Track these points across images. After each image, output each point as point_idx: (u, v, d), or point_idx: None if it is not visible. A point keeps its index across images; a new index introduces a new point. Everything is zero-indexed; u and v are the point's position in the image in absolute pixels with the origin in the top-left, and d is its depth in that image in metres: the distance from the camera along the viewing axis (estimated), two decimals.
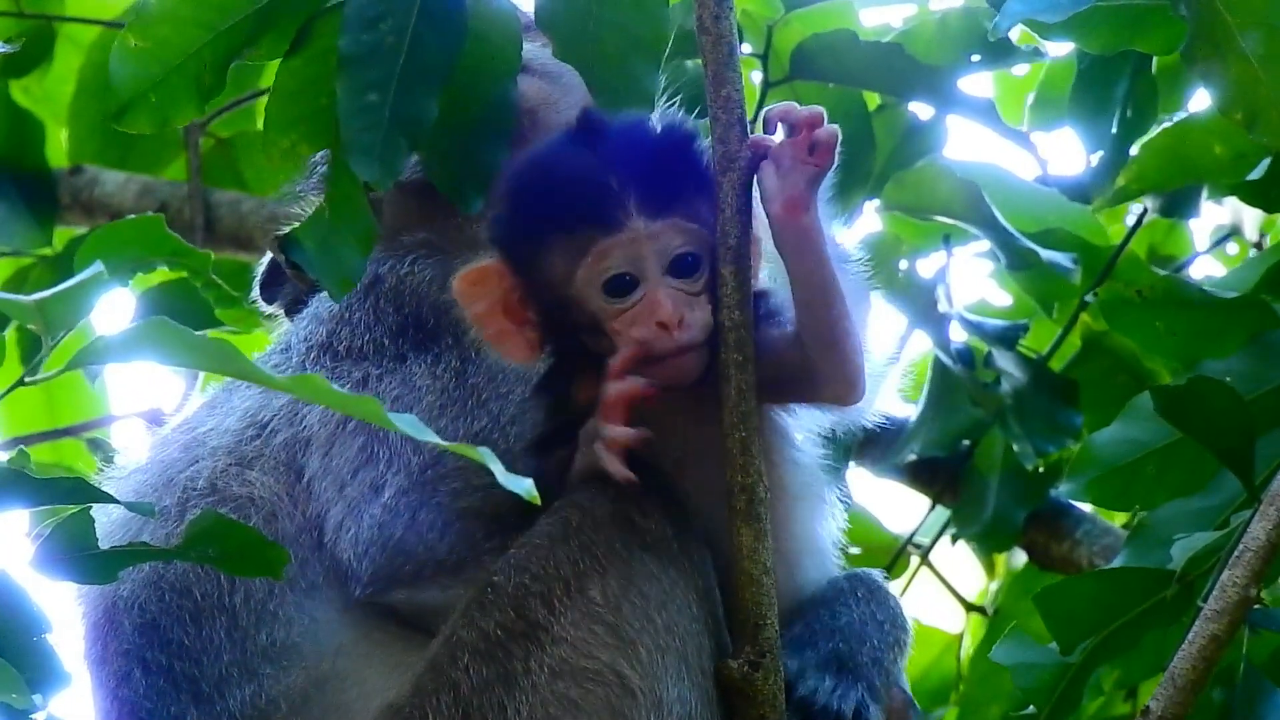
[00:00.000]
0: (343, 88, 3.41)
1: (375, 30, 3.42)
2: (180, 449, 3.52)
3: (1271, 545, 3.43)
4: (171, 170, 5.94)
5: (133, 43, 3.48)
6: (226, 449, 3.47)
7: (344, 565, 3.36)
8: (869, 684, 3.39)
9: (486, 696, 3.22)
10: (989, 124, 4.78)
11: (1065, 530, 5.18)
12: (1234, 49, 3.59)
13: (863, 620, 3.44)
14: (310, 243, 3.46)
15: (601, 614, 3.24)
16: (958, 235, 5.09)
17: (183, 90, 3.49)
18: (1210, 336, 4.16)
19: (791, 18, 5.02)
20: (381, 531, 3.35)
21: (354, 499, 3.38)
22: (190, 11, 3.48)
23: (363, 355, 3.53)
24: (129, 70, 3.49)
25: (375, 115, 3.40)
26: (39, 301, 3.18)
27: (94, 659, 3.44)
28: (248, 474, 3.44)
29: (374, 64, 3.41)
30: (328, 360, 3.54)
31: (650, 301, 3.25)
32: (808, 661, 3.38)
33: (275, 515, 3.41)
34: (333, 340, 3.56)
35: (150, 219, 3.53)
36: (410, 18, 3.43)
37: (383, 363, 3.51)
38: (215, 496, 3.42)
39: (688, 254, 3.27)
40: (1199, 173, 4.41)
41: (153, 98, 3.49)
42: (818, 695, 3.35)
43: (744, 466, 3.26)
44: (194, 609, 3.36)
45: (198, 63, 3.48)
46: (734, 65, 3.33)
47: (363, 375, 3.50)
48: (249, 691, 3.32)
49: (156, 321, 3.01)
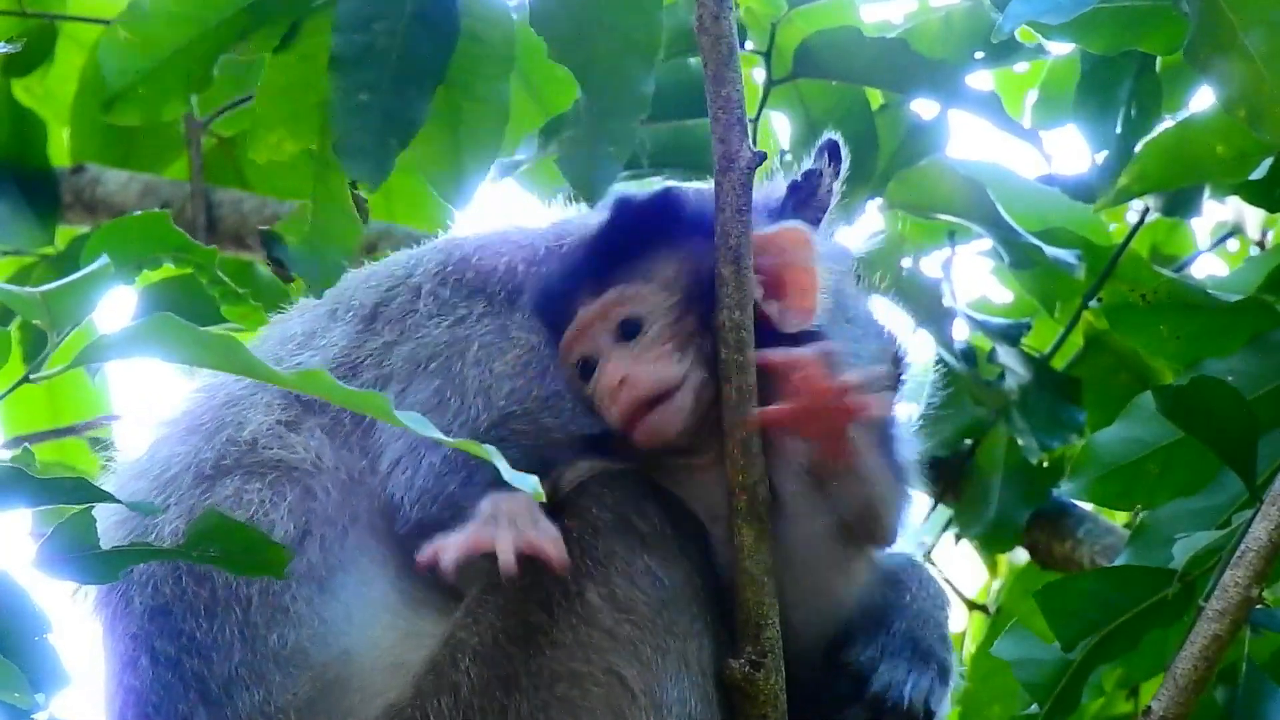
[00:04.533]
0: (335, 88, 3.42)
1: (368, 31, 3.44)
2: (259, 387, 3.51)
3: (1273, 545, 3.44)
4: (174, 169, 5.94)
5: (123, 35, 3.49)
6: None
7: (393, 502, 3.38)
8: (940, 663, 3.40)
9: (487, 698, 3.22)
10: (993, 119, 4.77)
11: (1067, 530, 5.18)
12: (1237, 47, 3.60)
13: (923, 599, 3.45)
14: (293, 239, 3.47)
15: (600, 617, 3.24)
16: (960, 233, 5.09)
17: (172, 84, 3.51)
18: (1213, 337, 4.15)
19: (795, 15, 5.01)
20: (437, 483, 3.37)
21: (416, 442, 3.40)
22: (181, 7, 3.50)
23: (477, 291, 3.54)
24: (118, 62, 3.51)
25: (367, 115, 3.42)
26: (44, 294, 3.18)
27: (101, 628, 3.42)
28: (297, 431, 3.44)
29: (367, 64, 3.42)
30: (446, 289, 3.55)
31: (599, 374, 3.36)
32: (882, 650, 3.38)
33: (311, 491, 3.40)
34: (462, 267, 3.57)
35: (156, 215, 3.55)
36: (403, 19, 3.45)
37: (491, 305, 3.52)
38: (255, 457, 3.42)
39: (625, 319, 3.36)
40: (1201, 172, 4.41)
41: (142, 90, 3.51)
42: (891, 690, 3.36)
43: (745, 466, 3.27)
44: (209, 598, 3.35)
45: (187, 57, 3.50)
46: (734, 65, 3.33)
47: (468, 311, 3.51)
48: (258, 697, 3.31)
49: (161, 318, 3.01)
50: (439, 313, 3.51)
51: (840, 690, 3.37)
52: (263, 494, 3.39)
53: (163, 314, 3.02)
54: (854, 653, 3.39)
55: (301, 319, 3.63)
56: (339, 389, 2.99)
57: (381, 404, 2.97)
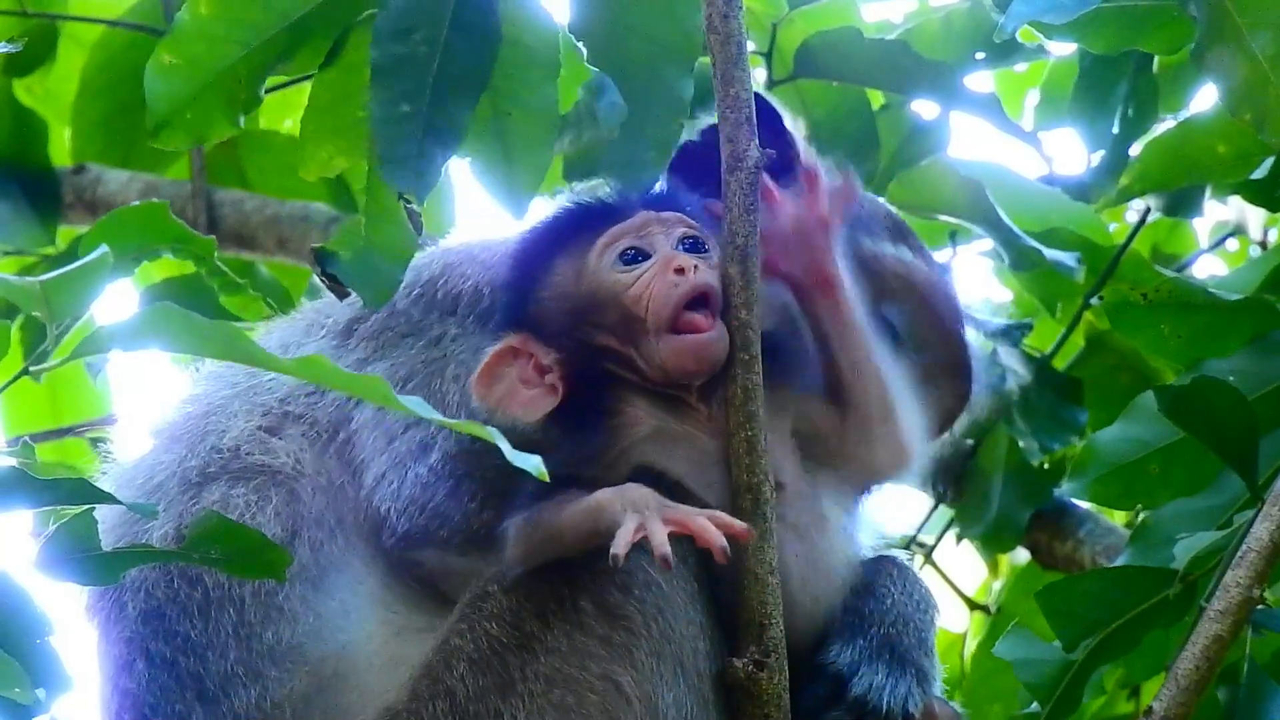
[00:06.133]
0: (376, 99, 3.41)
1: (407, 40, 3.42)
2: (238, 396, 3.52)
3: (1275, 545, 3.44)
4: (175, 169, 5.94)
5: (167, 60, 3.47)
6: (280, 397, 3.48)
7: (379, 516, 3.38)
8: (917, 668, 3.40)
9: (483, 704, 3.22)
10: (994, 120, 4.77)
11: (1068, 530, 5.18)
12: (1244, 49, 3.59)
13: (902, 602, 3.45)
14: (346, 254, 3.46)
15: (595, 623, 3.24)
16: (962, 234, 5.09)
17: (218, 106, 3.49)
18: (1214, 337, 4.15)
19: (795, 16, 5.01)
20: (424, 492, 3.36)
21: (401, 454, 3.39)
22: (224, 29, 3.47)
23: (448, 314, 3.53)
24: (164, 87, 3.48)
25: (409, 126, 3.40)
26: (43, 285, 3.17)
27: (95, 632, 3.43)
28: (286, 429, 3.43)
29: (406, 74, 3.41)
30: (418, 309, 3.54)
31: (664, 256, 3.30)
32: (861, 653, 3.38)
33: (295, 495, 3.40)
34: (430, 289, 3.56)
35: (154, 205, 3.54)
36: (442, 27, 3.43)
37: (465, 323, 3.52)
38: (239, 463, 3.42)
39: (694, 236, 3.33)
40: (1202, 172, 4.41)
41: (188, 114, 3.49)
42: (871, 694, 3.36)
43: (749, 466, 3.27)
44: (202, 600, 3.36)
45: (231, 78, 3.48)
46: (742, 64, 3.33)
47: (442, 332, 3.50)
48: (254, 693, 3.32)
49: (162, 308, 3.01)
50: (412, 333, 3.51)
51: (819, 691, 3.37)
52: (248, 498, 3.39)
53: (163, 304, 3.01)
54: (833, 654, 3.39)
55: (280, 332, 3.64)
56: (340, 374, 2.99)
57: (383, 389, 2.96)
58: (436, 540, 3.34)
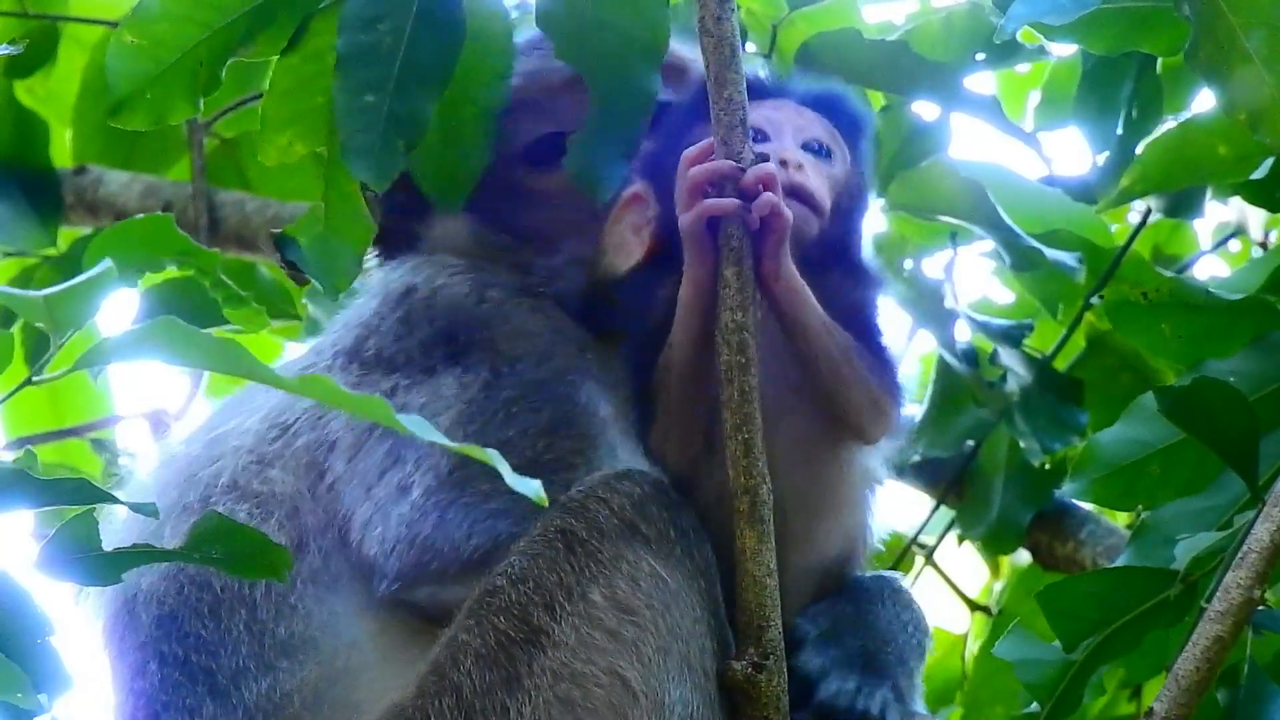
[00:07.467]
0: (340, 88, 3.42)
1: (373, 30, 3.43)
2: (203, 446, 3.52)
3: (1275, 546, 3.43)
4: (176, 170, 5.94)
5: (129, 39, 3.48)
6: (248, 448, 3.47)
7: (370, 561, 3.36)
8: (894, 683, 3.40)
9: (489, 699, 3.23)
10: (994, 122, 4.77)
11: (1069, 531, 5.18)
12: (1238, 49, 3.59)
13: (889, 620, 3.45)
14: (306, 241, 3.47)
15: (603, 618, 3.25)
16: (962, 235, 5.09)
17: (179, 87, 3.50)
18: (1215, 338, 4.15)
19: (796, 16, 5.01)
20: (410, 529, 3.34)
21: (381, 499, 3.38)
22: (187, 9, 3.48)
23: (392, 366, 3.51)
24: (125, 67, 3.49)
25: (372, 116, 3.42)
26: (47, 298, 3.17)
27: (111, 654, 3.45)
28: (268, 472, 3.44)
29: (371, 64, 3.42)
30: (355, 368, 3.52)
31: (778, 144, 3.35)
32: (832, 660, 3.38)
33: (297, 510, 3.41)
34: (361, 348, 3.55)
35: (159, 218, 3.54)
36: (408, 19, 3.44)
37: (412, 374, 3.50)
38: (237, 493, 3.42)
39: (822, 143, 3.39)
40: (1203, 173, 4.41)
41: (149, 95, 3.50)
42: (839, 698, 3.36)
43: (747, 468, 3.27)
44: (213, 601, 3.36)
45: (194, 60, 3.49)
46: (736, 67, 3.32)
47: (391, 386, 3.48)
48: (265, 685, 3.32)
49: (164, 321, 3.01)
50: (359, 387, 3.47)
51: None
52: (251, 512, 3.40)
53: (166, 317, 3.02)
54: (804, 659, 3.39)
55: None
56: (341, 393, 2.99)
57: (383, 409, 2.96)
58: (430, 577, 3.33)
